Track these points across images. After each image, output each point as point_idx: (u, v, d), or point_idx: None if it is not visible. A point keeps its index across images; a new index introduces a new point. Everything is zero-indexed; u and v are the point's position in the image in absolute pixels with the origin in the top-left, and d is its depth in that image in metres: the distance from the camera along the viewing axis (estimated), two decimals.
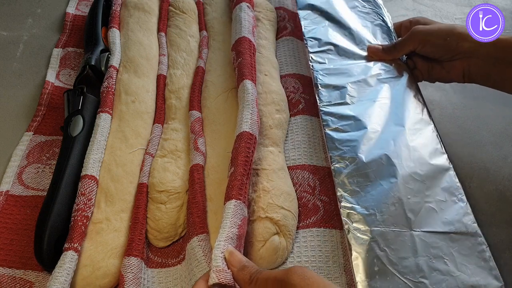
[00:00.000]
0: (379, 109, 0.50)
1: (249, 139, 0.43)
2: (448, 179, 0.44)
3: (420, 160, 0.46)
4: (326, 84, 0.53)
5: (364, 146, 0.47)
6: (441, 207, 0.42)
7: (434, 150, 0.47)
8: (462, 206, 0.43)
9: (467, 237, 0.41)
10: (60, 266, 0.37)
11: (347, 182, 0.44)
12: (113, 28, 0.59)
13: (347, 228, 0.41)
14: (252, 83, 0.49)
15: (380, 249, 0.40)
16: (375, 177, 0.45)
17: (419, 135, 0.48)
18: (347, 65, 0.55)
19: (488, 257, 0.39)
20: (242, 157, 0.42)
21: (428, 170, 0.45)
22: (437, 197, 0.43)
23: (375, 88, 0.52)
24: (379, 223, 0.41)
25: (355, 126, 0.49)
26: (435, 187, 0.44)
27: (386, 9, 0.63)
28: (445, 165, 0.46)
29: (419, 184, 0.44)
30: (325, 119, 0.50)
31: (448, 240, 0.40)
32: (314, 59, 0.56)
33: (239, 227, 0.37)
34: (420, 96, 0.52)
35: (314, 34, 0.59)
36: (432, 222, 0.41)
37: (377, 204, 0.43)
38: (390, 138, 0.47)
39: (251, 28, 0.57)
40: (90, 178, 0.43)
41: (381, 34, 0.59)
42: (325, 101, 0.51)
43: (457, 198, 0.43)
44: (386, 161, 0.46)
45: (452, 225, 0.41)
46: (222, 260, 0.34)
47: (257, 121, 0.46)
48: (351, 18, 0.61)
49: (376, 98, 0.51)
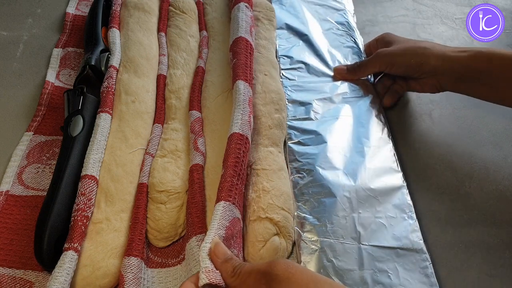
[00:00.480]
0: (340, 125, 0.53)
1: (239, 140, 0.43)
2: (401, 196, 0.47)
3: (375, 177, 0.48)
4: (293, 100, 0.56)
5: (322, 160, 0.50)
6: (390, 223, 0.44)
7: (390, 169, 0.49)
8: (411, 223, 0.45)
9: (412, 253, 0.42)
10: (60, 266, 0.37)
11: (303, 193, 0.47)
12: (113, 28, 0.59)
13: (298, 237, 0.43)
14: (245, 83, 0.49)
15: (327, 259, 0.42)
16: (330, 190, 0.47)
17: (377, 152, 0.50)
18: (315, 83, 0.59)
19: (430, 273, 0.41)
20: (232, 158, 0.42)
21: (382, 186, 0.47)
22: (388, 213, 0.45)
23: (338, 106, 0.56)
24: (328, 234, 0.43)
25: (316, 140, 0.52)
26: (386, 203, 0.46)
27: (359, 32, 0.67)
28: (398, 183, 0.48)
29: (372, 199, 0.46)
30: (289, 132, 0.53)
31: (393, 255, 0.42)
32: (284, 76, 0.60)
33: (226, 228, 0.37)
34: (382, 116, 0.55)
35: (287, 52, 0.63)
36: (380, 237, 0.43)
37: (328, 216, 0.45)
38: (348, 154, 0.50)
39: (248, 28, 0.57)
40: (90, 178, 0.43)
41: (352, 55, 0.63)
42: (291, 115, 0.55)
43: (407, 215, 0.45)
44: (342, 175, 0.48)
45: (399, 240, 0.43)
46: (210, 261, 0.34)
47: (249, 121, 0.46)
48: (324, 39, 0.65)
49: (339, 115, 0.54)
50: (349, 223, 0.44)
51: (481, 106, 0.59)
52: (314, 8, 0.70)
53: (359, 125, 0.53)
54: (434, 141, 0.55)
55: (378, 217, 0.45)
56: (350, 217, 0.45)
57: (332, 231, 0.44)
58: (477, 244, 0.46)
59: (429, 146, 0.55)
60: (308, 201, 0.46)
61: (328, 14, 0.69)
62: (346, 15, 0.69)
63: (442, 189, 0.50)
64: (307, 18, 0.67)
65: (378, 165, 0.49)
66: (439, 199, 0.49)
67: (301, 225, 0.44)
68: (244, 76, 0.50)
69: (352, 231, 0.44)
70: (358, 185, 0.47)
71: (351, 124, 0.53)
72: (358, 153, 0.50)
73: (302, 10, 0.69)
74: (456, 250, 0.45)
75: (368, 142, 0.51)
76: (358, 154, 0.50)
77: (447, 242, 0.46)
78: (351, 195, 0.46)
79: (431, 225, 0.47)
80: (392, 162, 0.49)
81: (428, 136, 0.56)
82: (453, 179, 0.51)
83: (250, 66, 0.52)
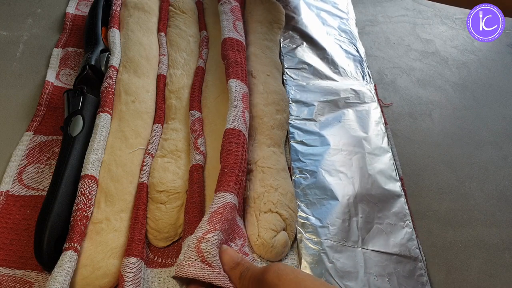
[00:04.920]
0: (343, 130, 0.54)
1: (230, 134, 0.44)
2: (399, 205, 0.47)
3: (375, 184, 0.49)
4: (297, 100, 0.57)
5: (325, 162, 0.50)
6: (389, 229, 0.45)
7: (389, 177, 0.50)
8: (408, 232, 0.45)
9: (409, 261, 0.43)
10: (60, 266, 0.37)
11: (305, 194, 0.47)
12: (113, 28, 0.59)
13: (300, 237, 0.44)
14: (237, 81, 0.49)
15: (329, 261, 0.42)
16: (332, 192, 0.47)
17: (377, 160, 0.51)
18: (319, 84, 0.59)
19: (425, 281, 0.42)
20: (224, 152, 0.43)
21: (382, 194, 0.48)
22: (387, 220, 0.46)
23: (342, 111, 0.56)
24: (330, 236, 0.44)
25: (319, 142, 0.52)
26: (386, 211, 0.47)
27: (361, 42, 0.67)
28: (397, 191, 0.48)
29: (372, 205, 0.47)
30: (292, 131, 0.53)
31: (392, 261, 0.43)
32: (288, 74, 0.60)
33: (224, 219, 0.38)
34: (383, 125, 0.55)
35: (291, 52, 0.63)
36: (379, 243, 0.44)
37: (330, 218, 0.45)
38: (350, 159, 0.51)
39: (231, 25, 0.56)
40: (90, 178, 0.43)
41: (354, 62, 0.63)
42: (294, 115, 0.55)
43: (405, 223, 0.46)
44: (344, 179, 0.49)
45: (397, 247, 0.44)
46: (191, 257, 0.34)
47: (242, 115, 0.46)
48: (328, 43, 0.65)
49: (341, 119, 0.55)
50: (351, 226, 0.45)
51: (481, 106, 0.59)
52: (318, 12, 0.70)
53: (361, 131, 0.54)
54: (434, 141, 0.55)
55: (378, 223, 0.45)
56: (351, 220, 0.45)
57: (334, 233, 0.44)
58: (477, 244, 0.46)
59: (429, 146, 0.55)
60: (310, 202, 0.46)
61: (331, 20, 0.69)
62: (348, 23, 0.69)
63: (442, 189, 0.50)
64: (311, 21, 0.68)
65: (378, 172, 0.50)
66: (439, 199, 0.50)
67: (303, 225, 0.45)
68: (235, 74, 0.50)
69: (353, 234, 0.44)
70: (359, 191, 0.48)
71: (353, 129, 0.54)
72: (360, 159, 0.51)
73: (307, 13, 0.69)
74: (456, 250, 0.45)
75: (369, 149, 0.52)
76: (359, 160, 0.51)
77: (447, 242, 0.46)
78: (353, 200, 0.47)
79: (431, 225, 0.47)
80: (391, 171, 0.50)
81: (428, 136, 0.56)
82: (453, 179, 0.51)
83: (240, 62, 0.52)
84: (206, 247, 0.35)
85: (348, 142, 0.52)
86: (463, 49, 0.68)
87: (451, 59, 0.66)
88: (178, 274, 0.33)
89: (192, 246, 0.35)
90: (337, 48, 0.65)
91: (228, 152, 0.43)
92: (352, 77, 0.61)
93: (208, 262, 0.34)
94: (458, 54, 0.67)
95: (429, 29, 0.71)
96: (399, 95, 0.61)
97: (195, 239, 0.35)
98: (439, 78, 0.63)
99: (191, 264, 0.33)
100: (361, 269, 0.42)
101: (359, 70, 0.62)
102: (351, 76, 0.61)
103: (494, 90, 0.62)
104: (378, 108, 0.57)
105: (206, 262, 0.34)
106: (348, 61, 0.63)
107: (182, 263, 0.34)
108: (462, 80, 0.63)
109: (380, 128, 0.54)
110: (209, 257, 0.34)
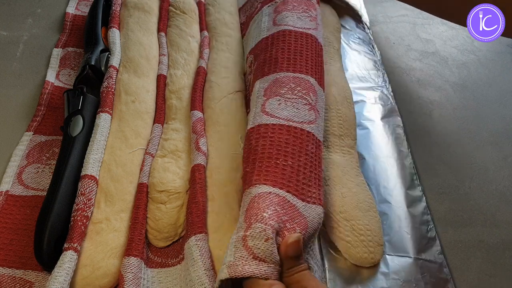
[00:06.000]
0: (363, 135, 0.54)
1: (250, 133, 0.44)
2: (421, 209, 0.47)
3: (396, 189, 0.49)
4: None
5: None
6: (413, 234, 0.45)
7: (411, 181, 0.50)
8: (431, 237, 0.45)
9: (434, 266, 0.43)
10: (60, 266, 0.37)
11: None
12: (113, 28, 0.59)
13: (323, 241, 0.43)
14: (261, 82, 0.48)
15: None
16: None
17: (397, 165, 0.51)
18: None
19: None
20: (252, 153, 0.42)
21: (404, 198, 0.48)
22: (411, 224, 0.46)
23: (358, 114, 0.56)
24: None
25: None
26: (409, 216, 0.46)
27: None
28: (418, 196, 0.48)
29: (397, 209, 0.47)
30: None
31: (418, 267, 0.43)
32: None
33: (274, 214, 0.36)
34: (405, 142, 0.54)
35: None
36: (404, 248, 0.44)
37: None
38: (370, 164, 0.51)
39: (271, 23, 0.55)
40: (90, 178, 0.43)
41: (371, 65, 0.63)
42: None
43: (428, 228, 0.46)
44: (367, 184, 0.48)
45: (422, 252, 0.44)
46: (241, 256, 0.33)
47: (263, 110, 0.45)
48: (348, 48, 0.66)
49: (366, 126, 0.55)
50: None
51: (481, 106, 0.59)
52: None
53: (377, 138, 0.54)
54: (434, 141, 0.55)
55: (402, 227, 0.45)
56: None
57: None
58: (477, 244, 0.46)
59: (429, 146, 0.55)
60: None
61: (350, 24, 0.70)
62: (365, 29, 0.70)
63: (442, 189, 0.50)
64: None
65: (399, 177, 0.50)
66: (439, 199, 0.49)
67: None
68: (261, 74, 0.49)
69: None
70: (380, 196, 0.48)
71: (369, 135, 0.54)
72: (380, 164, 0.51)
73: None
74: (456, 250, 0.45)
75: (390, 160, 0.52)
76: (380, 164, 0.51)
77: (447, 242, 0.46)
78: (376, 205, 0.46)
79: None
80: (412, 175, 0.50)
81: (428, 136, 0.56)
82: (453, 179, 0.51)
83: (267, 62, 0.50)
84: (253, 244, 0.33)
85: (367, 147, 0.53)
86: (463, 49, 0.68)
87: (451, 59, 0.66)
88: (232, 275, 0.32)
89: (240, 246, 0.34)
90: (357, 54, 0.65)
91: (256, 142, 0.42)
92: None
93: (261, 258, 0.33)
94: (458, 54, 0.67)
95: (429, 29, 0.71)
96: (399, 95, 0.61)
97: (240, 238, 0.34)
98: (439, 78, 0.63)
99: (245, 263, 0.33)
100: (387, 275, 0.42)
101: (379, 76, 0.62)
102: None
103: (494, 90, 0.62)
104: (400, 123, 0.56)
105: (258, 258, 0.33)
106: (367, 65, 0.64)
107: (236, 263, 0.33)
108: (462, 80, 0.63)
109: (403, 145, 0.54)
110: (260, 252, 0.33)
